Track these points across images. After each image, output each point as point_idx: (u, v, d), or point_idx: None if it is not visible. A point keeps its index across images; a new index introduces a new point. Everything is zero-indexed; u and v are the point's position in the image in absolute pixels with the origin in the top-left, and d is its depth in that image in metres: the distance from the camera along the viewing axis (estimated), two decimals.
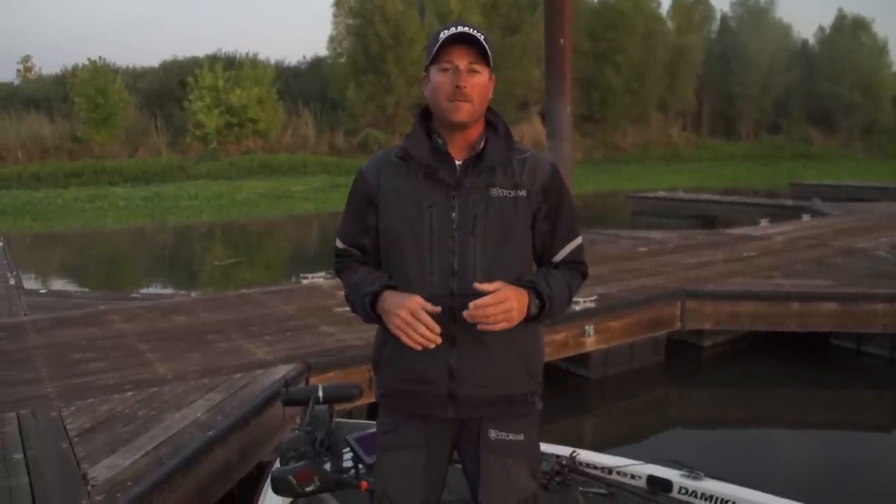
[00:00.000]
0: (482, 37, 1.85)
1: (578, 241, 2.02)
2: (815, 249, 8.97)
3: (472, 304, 1.76)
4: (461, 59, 1.85)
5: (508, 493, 1.95)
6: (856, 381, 6.51)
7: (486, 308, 1.76)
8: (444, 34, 1.85)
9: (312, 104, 32.11)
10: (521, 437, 1.97)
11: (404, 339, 1.80)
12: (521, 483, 1.96)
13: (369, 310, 1.89)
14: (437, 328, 1.79)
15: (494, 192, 1.89)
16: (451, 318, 1.83)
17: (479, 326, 1.78)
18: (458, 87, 1.84)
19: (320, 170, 28.09)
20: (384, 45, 30.80)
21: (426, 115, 1.97)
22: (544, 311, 1.88)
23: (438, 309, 1.80)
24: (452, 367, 1.89)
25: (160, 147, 29.21)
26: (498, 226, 1.88)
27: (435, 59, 1.87)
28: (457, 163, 1.91)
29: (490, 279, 1.81)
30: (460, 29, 1.85)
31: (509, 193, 1.90)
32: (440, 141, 1.91)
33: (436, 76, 1.88)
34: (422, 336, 1.78)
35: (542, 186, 1.93)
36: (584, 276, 2.05)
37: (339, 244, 2.07)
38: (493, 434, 1.95)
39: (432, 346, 1.79)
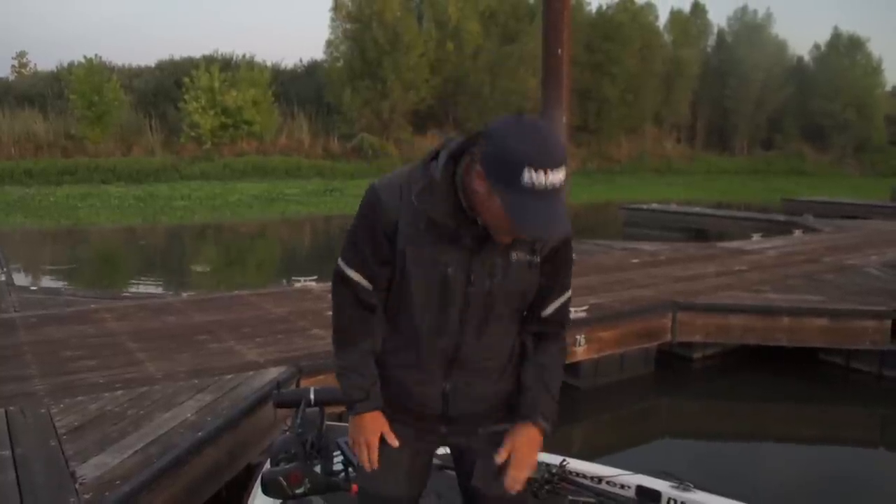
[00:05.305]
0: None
1: (567, 295, 1.98)
2: (807, 265, 9.00)
3: (508, 484, 1.87)
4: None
5: (502, 480, 1.96)
6: (844, 397, 6.53)
7: (517, 484, 1.88)
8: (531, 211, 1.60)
9: (308, 107, 32.14)
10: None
11: (359, 454, 1.96)
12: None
13: (352, 408, 1.94)
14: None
15: (514, 256, 1.83)
16: (454, 354, 1.88)
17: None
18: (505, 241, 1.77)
19: (314, 173, 28.15)
20: (381, 50, 30.89)
21: (454, 160, 1.74)
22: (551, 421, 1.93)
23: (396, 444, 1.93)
24: (447, 392, 1.92)
25: (154, 147, 29.20)
26: (515, 287, 1.86)
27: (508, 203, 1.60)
28: (479, 222, 1.75)
29: (490, 332, 1.87)
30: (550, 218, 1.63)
31: (527, 257, 1.85)
32: (465, 203, 1.73)
33: (498, 210, 1.63)
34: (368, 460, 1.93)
35: (552, 249, 1.88)
36: (564, 339, 2.06)
37: (346, 271, 1.92)
38: (486, 429, 1.98)
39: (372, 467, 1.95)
